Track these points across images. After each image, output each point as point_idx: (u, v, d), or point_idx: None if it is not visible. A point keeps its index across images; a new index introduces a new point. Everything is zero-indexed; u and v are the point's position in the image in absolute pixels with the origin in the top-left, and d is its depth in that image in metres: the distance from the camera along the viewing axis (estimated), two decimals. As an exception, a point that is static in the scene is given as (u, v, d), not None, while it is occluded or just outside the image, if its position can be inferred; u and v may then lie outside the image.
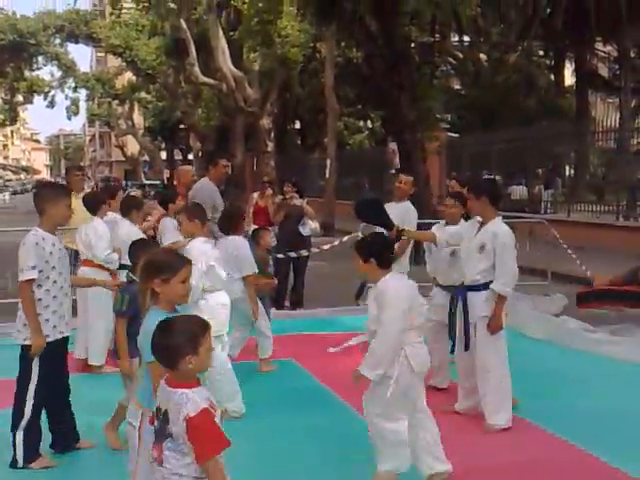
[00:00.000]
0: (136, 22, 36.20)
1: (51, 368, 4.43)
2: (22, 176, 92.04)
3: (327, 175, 23.42)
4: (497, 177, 17.46)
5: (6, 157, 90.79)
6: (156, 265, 3.18)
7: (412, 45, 17.86)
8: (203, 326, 2.72)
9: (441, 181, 21.16)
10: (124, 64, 39.98)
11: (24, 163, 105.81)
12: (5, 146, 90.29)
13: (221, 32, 26.13)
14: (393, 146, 20.63)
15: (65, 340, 4.59)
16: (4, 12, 34.54)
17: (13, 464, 4.37)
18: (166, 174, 54.27)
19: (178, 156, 56.12)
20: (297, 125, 36.78)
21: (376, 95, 18.92)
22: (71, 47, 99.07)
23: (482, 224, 5.16)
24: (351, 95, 26.40)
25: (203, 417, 2.57)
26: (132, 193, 18.66)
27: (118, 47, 36.29)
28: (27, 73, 43.47)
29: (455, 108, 24.43)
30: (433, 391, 5.50)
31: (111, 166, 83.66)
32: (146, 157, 59.99)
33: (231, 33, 27.17)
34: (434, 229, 5.96)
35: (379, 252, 4.10)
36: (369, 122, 34.09)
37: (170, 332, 2.69)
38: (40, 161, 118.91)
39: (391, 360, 3.90)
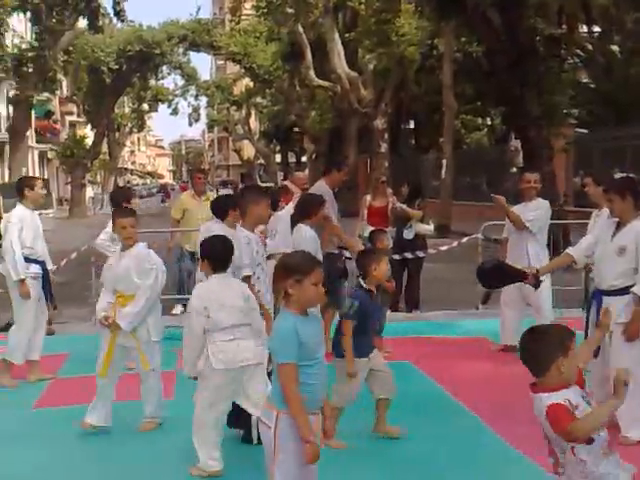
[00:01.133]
0: (254, 29, 37.03)
1: None
2: (148, 180, 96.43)
3: (443, 175, 22.96)
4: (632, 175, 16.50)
5: (133, 162, 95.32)
6: (289, 266, 3.16)
7: (537, 38, 17.18)
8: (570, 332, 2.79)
9: (568, 180, 20.27)
10: (242, 70, 40.97)
11: (149, 168, 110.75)
12: (132, 152, 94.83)
13: (337, 34, 26.28)
14: (515, 144, 20.02)
15: None
16: (132, 24, 36.10)
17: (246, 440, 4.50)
18: (280, 177, 55.30)
19: (292, 159, 57.04)
20: (411, 125, 36.46)
21: (497, 91, 18.30)
22: (193, 56, 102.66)
23: (619, 225, 4.81)
24: (469, 92, 25.77)
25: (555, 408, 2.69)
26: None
27: (237, 54, 37.23)
28: (152, 82, 45.40)
29: (584, 103, 23.31)
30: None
31: (228, 170, 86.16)
32: (261, 160, 61.32)
33: (347, 35, 27.27)
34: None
35: None
36: (488, 119, 33.23)
37: (541, 338, 2.79)
38: (164, 166, 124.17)
39: None
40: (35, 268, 6.34)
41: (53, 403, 5.77)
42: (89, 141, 39.59)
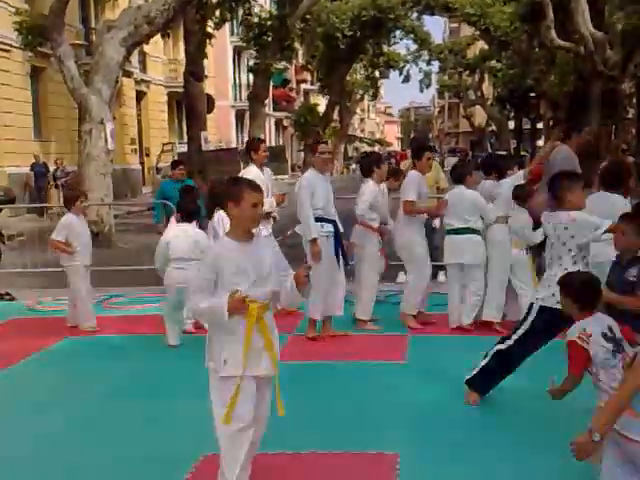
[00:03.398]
0: (491, -11, 35.81)
1: None
2: (376, 148, 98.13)
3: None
4: None
5: (362, 130, 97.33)
6: None
7: None
8: None
9: None
10: (477, 33, 39.83)
11: (378, 136, 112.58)
12: (362, 120, 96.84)
13: (582, -9, 24.54)
14: None
15: None
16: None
17: None
18: (513, 144, 53.23)
19: (526, 125, 54.63)
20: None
21: None
22: (426, 19, 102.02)
23: None
24: None
25: None
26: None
27: (473, 16, 36.26)
28: (385, 48, 45.69)
29: None
30: None
31: (458, 137, 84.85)
32: (493, 127, 59.49)
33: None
34: None
35: None
36: None
37: None
38: (392, 134, 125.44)
39: None
40: (328, 227, 6.64)
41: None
42: (321, 109, 40.88)
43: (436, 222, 8.70)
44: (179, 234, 6.77)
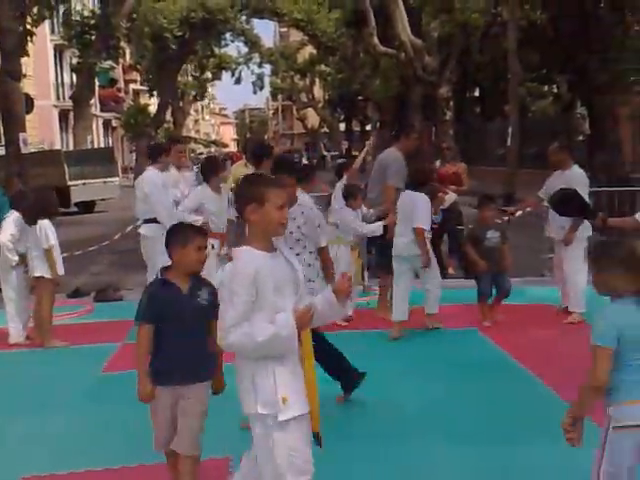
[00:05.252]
0: (317, -5, 36.76)
1: None
2: (212, 149, 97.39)
3: (508, 143, 22.53)
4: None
5: (197, 131, 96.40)
6: None
7: (601, 4, 16.50)
8: None
9: (635, 147, 19.64)
10: (306, 38, 40.74)
11: (214, 137, 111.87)
12: (196, 121, 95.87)
13: (400, 0, 25.81)
14: (582, 111, 19.38)
15: None
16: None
17: None
18: (344, 145, 55.00)
19: (357, 127, 56.67)
20: (476, 93, 35.68)
21: (562, 58, 17.76)
22: (256, 23, 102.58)
23: None
24: (534, 59, 25.07)
25: None
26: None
27: (301, 21, 37.03)
28: (216, 50, 45.58)
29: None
30: None
31: (293, 138, 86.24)
32: (326, 129, 61.14)
33: (410, 1, 26.77)
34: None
35: None
36: (554, 87, 32.25)
37: None
38: (228, 135, 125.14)
39: None
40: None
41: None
42: (153, 109, 40.09)
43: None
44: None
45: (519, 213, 8.35)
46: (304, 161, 35.90)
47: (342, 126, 57.61)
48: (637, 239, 2.97)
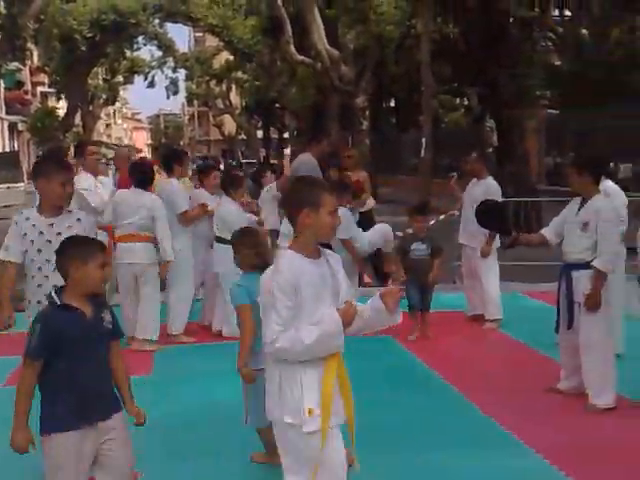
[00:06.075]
0: (232, 1, 36.52)
1: None
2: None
3: (422, 154, 23.06)
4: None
5: (109, 136, 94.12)
6: None
7: (510, 20, 17.12)
8: None
9: (540, 159, 20.46)
10: (221, 44, 40.45)
11: (126, 142, 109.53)
12: (108, 125, 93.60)
13: (317, 10, 25.96)
14: (491, 124, 20.01)
15: None
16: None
17: None
18: (262, 153, 54.84)
19: (274, 135, 56.63)
20: (392, 103, 36.31)
21: (473, 72, 18.33)
22: (170, 27, 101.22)
23: (584, 201, 5.00)
24: (447, 72, 25.76)
25: None
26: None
27: (216, 27, 36.74)
28: (128, 53, 44.65)
29: (555, 85, 23.44)
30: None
31: (209, 145, 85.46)
32: (243, 136, 60.82)
33: (327, 11, 26.97)
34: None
35: None
36: (465, 100, 33.24)
37: None
38: (142, 140, 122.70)
39: None
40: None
41: None
42: (61, 113, 38.89)
43: None
44: None
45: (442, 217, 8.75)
46: (221, 167, 35.62)
47: (260, 133, 57.46)
48: None
